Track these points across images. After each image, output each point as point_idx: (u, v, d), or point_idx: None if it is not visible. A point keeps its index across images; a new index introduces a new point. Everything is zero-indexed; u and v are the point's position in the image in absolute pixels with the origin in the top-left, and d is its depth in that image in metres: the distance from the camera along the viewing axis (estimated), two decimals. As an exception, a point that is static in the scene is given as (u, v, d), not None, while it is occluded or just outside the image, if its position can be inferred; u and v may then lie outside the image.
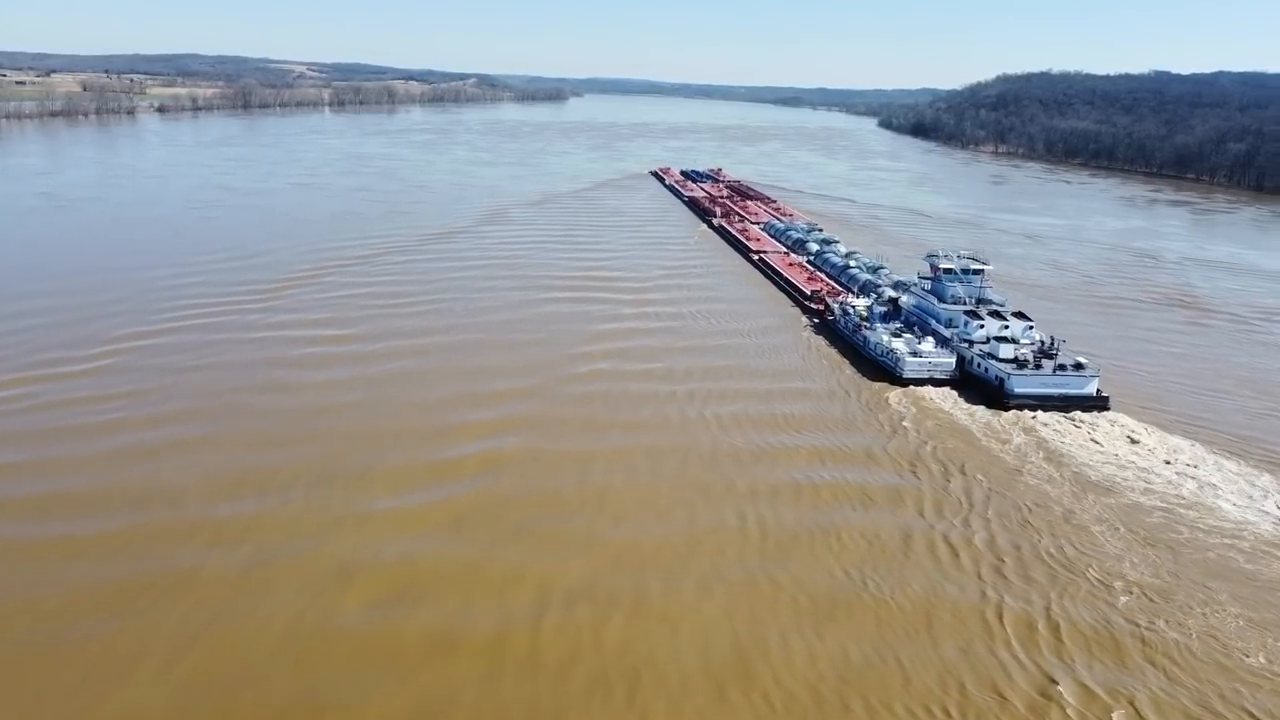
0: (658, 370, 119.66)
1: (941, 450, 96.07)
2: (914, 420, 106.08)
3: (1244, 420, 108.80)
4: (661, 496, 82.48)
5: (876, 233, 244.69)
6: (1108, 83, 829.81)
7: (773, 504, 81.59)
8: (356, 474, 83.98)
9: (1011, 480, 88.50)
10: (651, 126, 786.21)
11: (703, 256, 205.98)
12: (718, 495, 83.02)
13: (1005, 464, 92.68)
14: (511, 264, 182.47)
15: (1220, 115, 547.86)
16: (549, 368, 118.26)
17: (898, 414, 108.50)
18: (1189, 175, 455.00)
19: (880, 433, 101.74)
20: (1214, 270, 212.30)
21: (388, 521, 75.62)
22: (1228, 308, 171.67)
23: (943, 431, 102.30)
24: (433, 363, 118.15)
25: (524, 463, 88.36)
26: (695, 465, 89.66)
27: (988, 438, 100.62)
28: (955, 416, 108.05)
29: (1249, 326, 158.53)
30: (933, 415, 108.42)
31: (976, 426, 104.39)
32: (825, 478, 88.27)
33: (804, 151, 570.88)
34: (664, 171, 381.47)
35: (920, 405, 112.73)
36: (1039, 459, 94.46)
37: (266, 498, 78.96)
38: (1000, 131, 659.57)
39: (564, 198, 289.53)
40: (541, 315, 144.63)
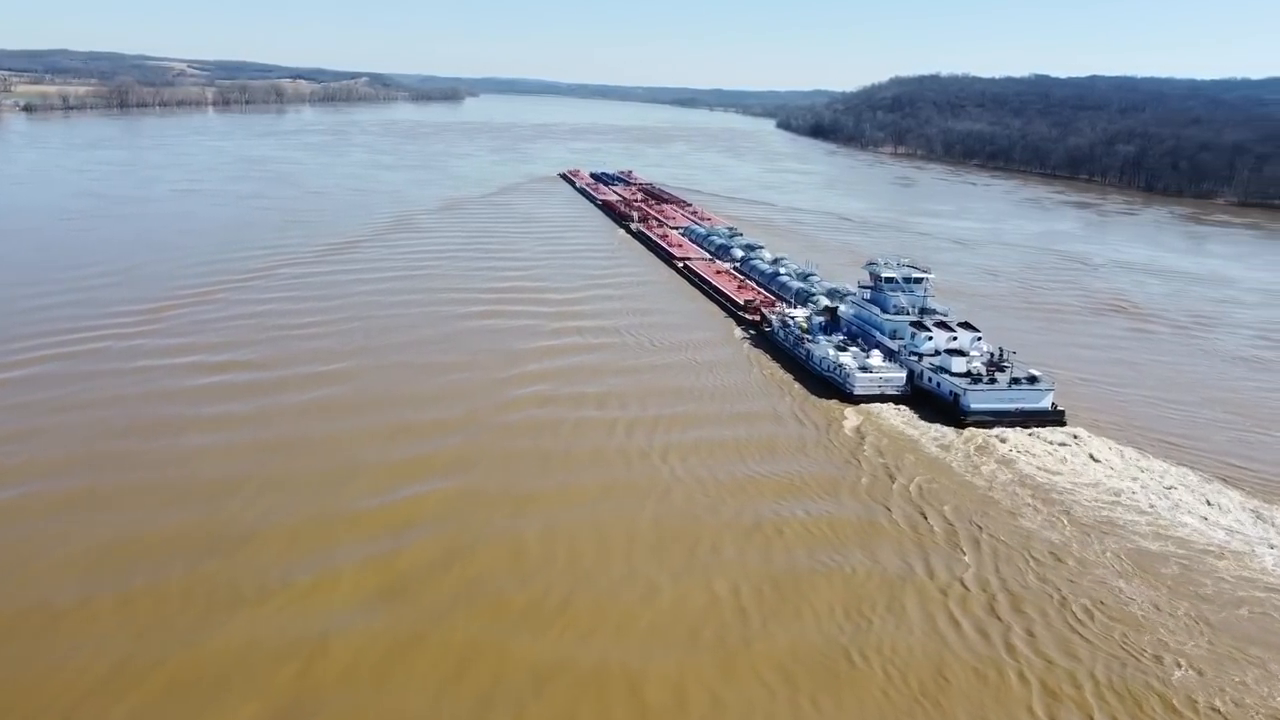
0: (597, 394, 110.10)
1: (922, 489, 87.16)
2: (874, 444, 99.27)
3: (1224, 440, 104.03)
4: (622, 550, 72.89)
5: (801, 238, 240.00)
6: (995, 85, 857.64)
7: (742, 554, 72.90)
8: (258, 536, 71.74)
9: (1007, 523, 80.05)
10: (553, 128, 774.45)
11: (626, 265, 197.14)
12: (684, 545, 73.97)
13: (997, 504, 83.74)
14: (424, 277, 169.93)
15: (1104, 118, 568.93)
16: (478, 395, 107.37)
17: (855, 437, 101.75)
18: (1081, 176, 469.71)
19: (842, 460, 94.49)
20: (1139, 274, 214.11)
21: (298, 596, 63.96)
22: (1165, 314, 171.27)
23: (907, 457, 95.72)
24: (345, 393, 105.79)
25: (461, 512, 77.69)
26: (653, 508, 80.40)
27: (960, 466, 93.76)
28: (916, 439, 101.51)
29: (1188, 333, 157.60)
30: (891, 437, 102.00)
31: (941, 451, 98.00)
32: (793, 516, 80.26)
33: (711, 153, 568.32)
34: (573, 174, 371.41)
35: (876, 425, 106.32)
36: (1025, 494, 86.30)
37: (136, 576, 65.52)
38: (899, 133, 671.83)
39: (472, 203, 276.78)
40: (463, 334, 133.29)
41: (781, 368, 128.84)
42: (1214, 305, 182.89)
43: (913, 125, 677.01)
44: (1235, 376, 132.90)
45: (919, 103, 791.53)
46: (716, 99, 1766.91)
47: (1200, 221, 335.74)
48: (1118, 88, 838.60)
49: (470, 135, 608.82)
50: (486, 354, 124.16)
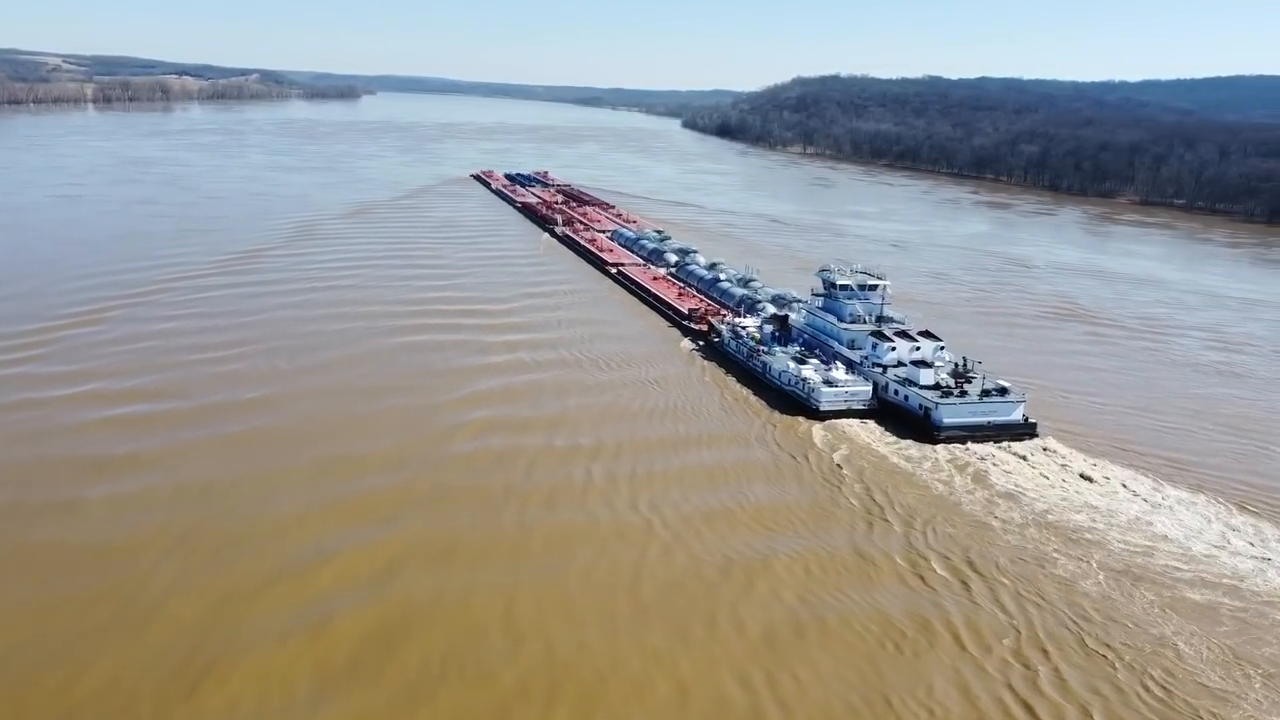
0: (547, 420, 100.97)
1: (926, 530, 78.81)
2: (853, 468, 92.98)
3: (1224, 461, 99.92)
4: (602, 625, 62.41)
5: (734, 241, 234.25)
6: (895, 86, 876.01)
7: (739, 624, 63.50)
8: (165, 612, 60.46)
9: (1034, 573, 71.42)
10: (459, 127, 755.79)
11: (557, 273, 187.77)
12: (673, 615, 64.39)
13: (1022, 552, 74.91)
14: (342, 289, 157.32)
15: (1002, 119, 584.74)
16: (416, 425, 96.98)
17: (828, 458, 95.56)
18: (987, 176, 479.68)
19: (824, 490, 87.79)
20: (1077, 276, 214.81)
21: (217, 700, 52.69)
22: (1117, 319, 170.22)
23: (890, 483, 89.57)
24: (266, 426, 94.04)
25: (405, 572, 67.20)
26: (632, 564, 70.64)
27: (961, 500, 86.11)
28: (893, 461, 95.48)
29: (1146, 339, 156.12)
30: (867, 457, 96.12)
31: (930, 476, 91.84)
32: (780, 551, 73.57)
33: (624, 153, 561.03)
34: (487, 175, 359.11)
35: (848, 443, 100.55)
36: (1048, 538, 77.75)
37: (15, 666, 54.04)
38: (806, 133, 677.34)
39: (384, 208, 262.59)
40: (392, 354, 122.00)
41: (738, 381, 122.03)
42: (1163, 309, 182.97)
43: (819, 125, 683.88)
44: (1210, 388, 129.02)
45: (823, 103, 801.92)
46: (619, 98, 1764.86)
47: (1114, 221, 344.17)
48: (1008, 89, 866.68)
49: (373, 135, 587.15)
50: (420, 376, 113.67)
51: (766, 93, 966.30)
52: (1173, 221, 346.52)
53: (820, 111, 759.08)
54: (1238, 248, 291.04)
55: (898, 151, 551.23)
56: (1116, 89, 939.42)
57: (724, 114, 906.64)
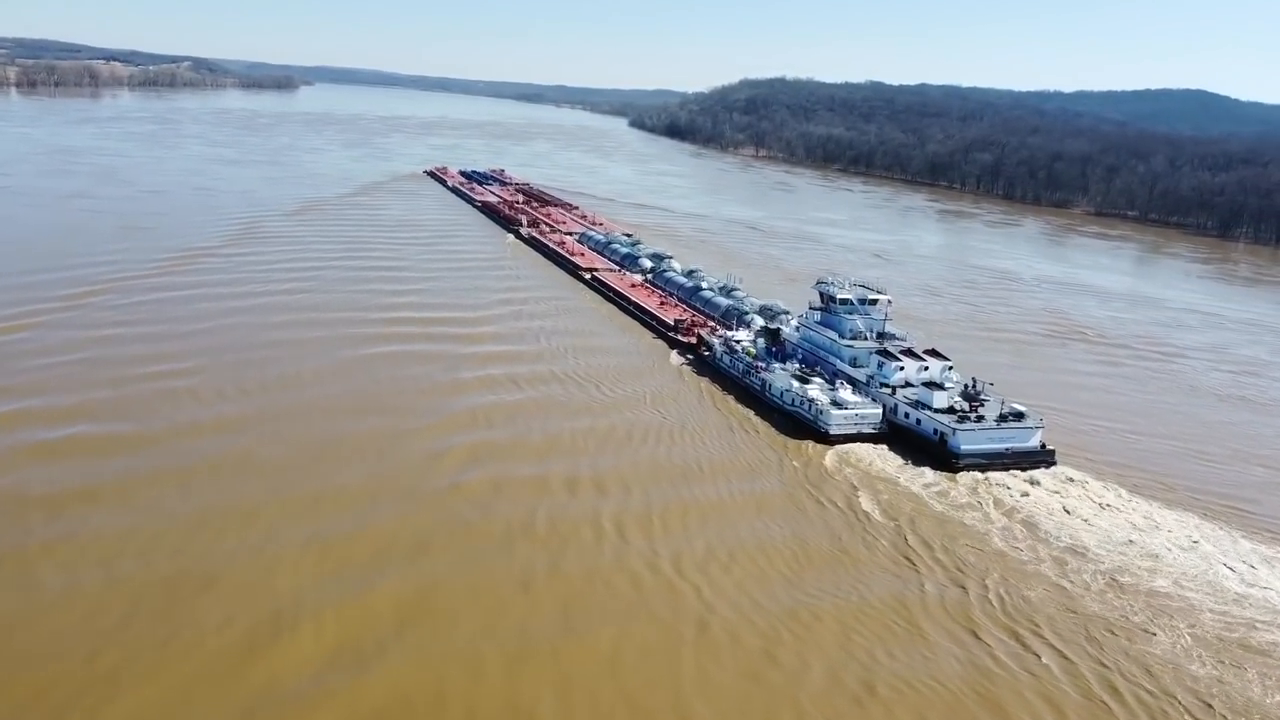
0: (539, 446, 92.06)
1: (1005, 594, 69.62)
2: (873, 499, 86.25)
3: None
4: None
5: (713, 248, 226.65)
6: (842, 90, 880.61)
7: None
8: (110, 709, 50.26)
9: (1121, 646, 64.03)
10: (403, 121, 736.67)
11: (528, 278, 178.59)
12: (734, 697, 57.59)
13: (1102, 619, 67.03)
14: (300, 295, 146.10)
15: (953, 125, 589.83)
16: (398, 459, 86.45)
17: (847, 489, 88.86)
18: (941, 183, 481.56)
19: (843, 520, 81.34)
20: (1068, 292, 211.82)
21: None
22: (1116, 338, 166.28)
23: (931, 525, 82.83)
24: (227, 467, 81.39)
25: (416, 689, 55.19)
26: (684, 664, 59.13)
27: (1002, 538, 79.61)
28: (921, 497, 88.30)
29: (1155, 362, 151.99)
30: (890, 491, 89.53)
31: (960, 512, 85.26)
32: (822, 603, 66.66)
33: (577, 152, 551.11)
34: (441, 172, 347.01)
35: (862, 472, 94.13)
36: (1118, 599, 70.19)
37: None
38: (757, 135, 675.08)
39: (336, 205, 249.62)
40: (362, 370, 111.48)
41: (735, 400, 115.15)
42: (1161, 329, 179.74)
43: (769, 128, 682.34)
44: (1232, 417, 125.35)
45: (773, 105, 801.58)
46: (561, 96, 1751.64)
47: (1079, 233, 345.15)
48: (948, 95, 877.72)
49: (316, 128, 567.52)
50: (395, 395, 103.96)
51: (715, 94, 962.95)
52: (1133, 234, 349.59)
53: (770, 114, 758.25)
54: (1207, 264, 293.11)
55: (851, 156, 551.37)
56: (1052, 98, 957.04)
57: (672, 114, 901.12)
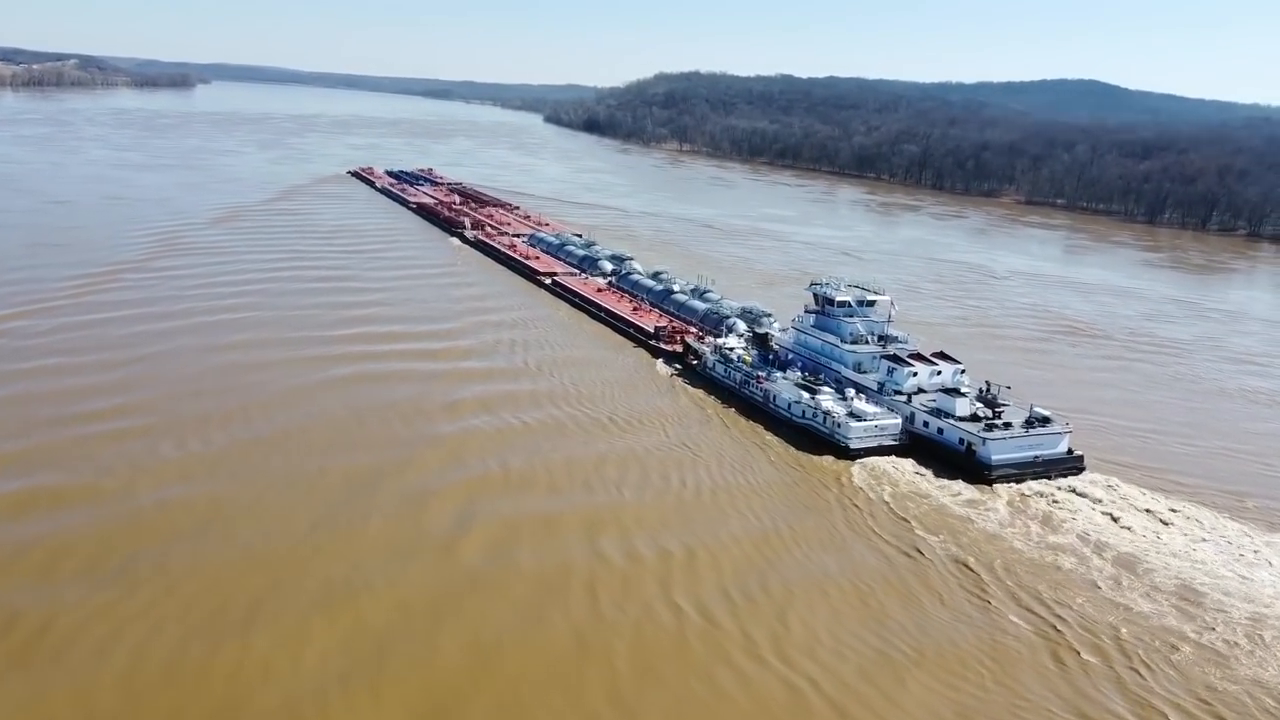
0: (576, 510, 79.39)
1: (1143, 666, 60.39)
2: (922, 521, 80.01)
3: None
4: None
5: (676, 249, 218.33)
6: (759, 84, 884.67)
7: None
8: None
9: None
10: (314, 120, 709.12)
11: (485, 285, 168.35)
12: None
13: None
14: (243, 315, 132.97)
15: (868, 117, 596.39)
16: (414, 540, 70.49)
17: (887, 513, 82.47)
18: (870, 174, 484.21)
19: (897, 551, 74.83)
20: (1042, 286, 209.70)
21: None
22: (1108, 333, 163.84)
23: (981, 546, 77.03)
24: (197, 558, 66.90)
25: None
26: None
27: (1102, 580, 71.42)
28: (966, 517, 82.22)
29: (1151, 356, 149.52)
30: (931, 511, 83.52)
31: (1022, 539, 78.85)
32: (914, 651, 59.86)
33: (502, 150, 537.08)
34: (367, 172, 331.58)
35: (899, 491, 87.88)
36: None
37: None
38: (680, 130, 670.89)
39: (261, 211, 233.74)
40: (336, 407, 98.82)
41: (738, 413, 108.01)
42: (1150, 323, 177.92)
43: (691, 122, 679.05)
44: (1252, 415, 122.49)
45: (692, 99, 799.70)
46: (470, 92, 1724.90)
47: (1023, 223, 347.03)
48: (859, 88, 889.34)
49: (224, 128, 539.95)
50: (378, 425, 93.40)
51: (632, 89, 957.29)
52: (1074, 224, 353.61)
53: (690, 108, 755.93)
54: (1158, 251, 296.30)
55: (777, 149, 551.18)
56: (955, 90, 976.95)
57: (590, 110, 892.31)
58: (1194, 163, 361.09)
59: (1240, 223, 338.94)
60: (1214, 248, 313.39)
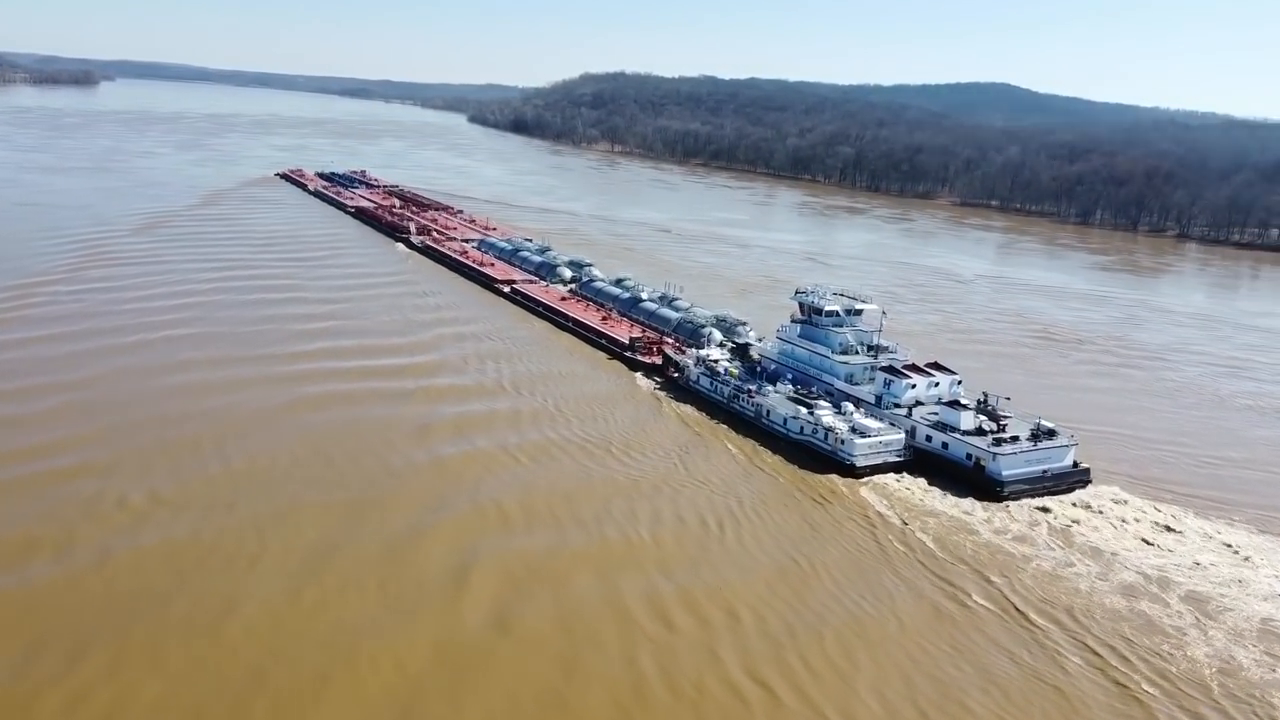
0: (589, 551, 73.05)
1: None
2: (962, 557, 75.36)
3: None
4: None
5: (640, 255, 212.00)
6: (686, 84, 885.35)
7: None
8: None
9: None
10: (231, 119, 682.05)
11: (441, 295, 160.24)
12: None
13: None
14: (187, 336, 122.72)
15: (799, 118, 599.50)
16: (416, 602, 62.47)
17: (910, 538, 78.44)
18: (805, 176, 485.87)
19: (930, 582, 70.81)
20: (1008, 290, 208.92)
21: None
22: (1089, 339, 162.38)
23: (1017, 575, 73.56)
24: (173, 600, 62.54)
25: None
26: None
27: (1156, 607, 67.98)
28: (1008, 549, 77.15)
29: (1135, 363, 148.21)
30: (959, 533, 79.82)
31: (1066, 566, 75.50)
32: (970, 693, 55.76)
33: (434, 151, 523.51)
34: (297, 174, 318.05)
35: (916, 513, 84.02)
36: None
37: None
38: (611, 131, 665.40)
39: (190, 218, 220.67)
40: (308, 441, 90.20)
41: (732, 430, 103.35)
42: (1126, 328, 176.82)
43: (622, 123, 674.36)
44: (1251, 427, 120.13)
45: (621, 100, 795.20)
46: (389, 91, 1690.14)
47: (968, 225, 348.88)
48: (782, 90, 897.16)
49: (137, 128, 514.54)
50: (362, 470, 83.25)
51: (559, 89, 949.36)
52: (1016, 226, 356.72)
53: (620, 109, 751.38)
54: (1107, 254, 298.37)
55: (712, 151, 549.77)
56: (874, 92, 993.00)
57: (517, 110, 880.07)
58: (1122, 165, 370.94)
59: (1169, 224, 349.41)
60: (1155, 249, 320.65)
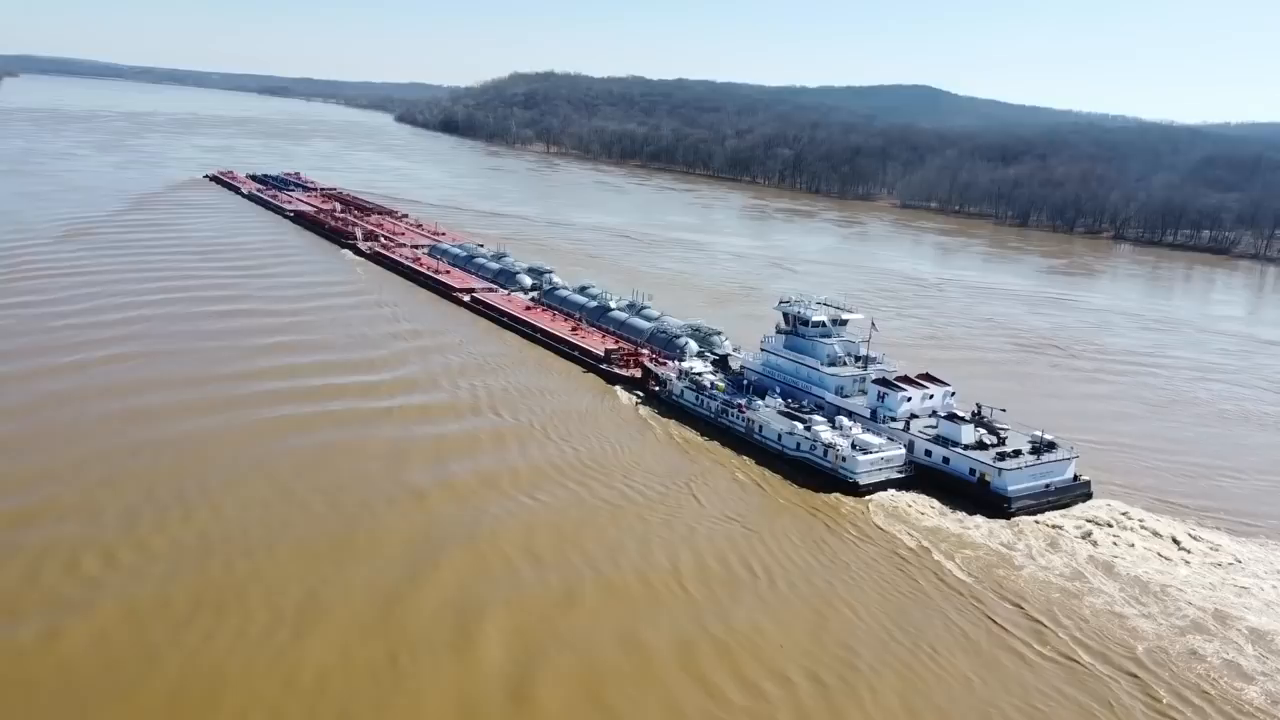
0: (662, 629, 70.25)
1: None
2: (1017, 592, 71.95)
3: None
4: None
5: (605, 262, 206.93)
6: (619, 85, 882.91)
7: None
8: None
9: None
10: (149, 118, 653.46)
11: (398, 305, 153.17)
12: None
13: None
14: (132, 348, 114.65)
15: (734, 119, 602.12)
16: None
17: (925, 558, 75.72)
18: (745, 177, 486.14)
19: (956, 608, 68.02)
20: (986, 296, 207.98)
21: None
22: (1066, 345, 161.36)
23: (1056, 602, 71.11)
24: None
25: None
26: None
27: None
28: (1058, 583, 72.96)
29: (1116, 370, 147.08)
30: (978, 555, 77.27)
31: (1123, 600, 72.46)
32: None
33: (368, 152, 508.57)
34: (229, 177, 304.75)
35: (934, 535, 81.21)
36: None
37: None
38: (546, 131, 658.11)
39: (119, 225, 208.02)
40: (284, 472, 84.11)
41: (724, 446, 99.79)
42: (1099, 333, 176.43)
43: (555, 123, 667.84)
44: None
45: (554, 100, 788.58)
46: (309, 89, 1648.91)
47: (915, 228, 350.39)
48: (712, 91, 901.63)
49: (49, 127, 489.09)
50: (361, 518, 74.71)
51: (489, 88, 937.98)
52: (962, 228, 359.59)
53: (553, 109, 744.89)
54: (1062, 258, 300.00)
55: (650, 152, 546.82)
56: (800, 93, 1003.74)
57: (447, 110, 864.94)
58: (1058, 169, 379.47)
59: (1105, 226, 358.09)
60: (1100, 252, 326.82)
